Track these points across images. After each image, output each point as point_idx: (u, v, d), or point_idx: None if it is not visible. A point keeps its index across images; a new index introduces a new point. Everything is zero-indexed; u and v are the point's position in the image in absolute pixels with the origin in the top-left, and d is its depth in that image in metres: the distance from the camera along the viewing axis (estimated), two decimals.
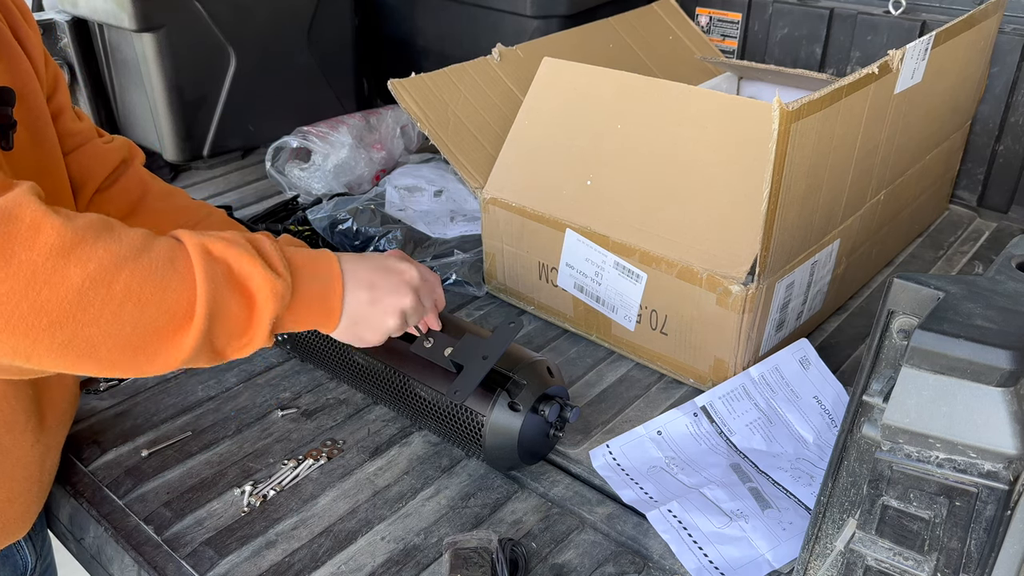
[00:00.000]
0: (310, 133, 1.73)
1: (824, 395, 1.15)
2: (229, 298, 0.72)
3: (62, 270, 0.64)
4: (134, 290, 0.67)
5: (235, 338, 0.74)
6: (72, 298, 0.64)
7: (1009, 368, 0.55)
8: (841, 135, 1.11)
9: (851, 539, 0.68)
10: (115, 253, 0.67)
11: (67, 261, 0.64)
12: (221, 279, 0.71)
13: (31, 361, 0.66)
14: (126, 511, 1.00)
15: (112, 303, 0.66)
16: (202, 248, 0.72)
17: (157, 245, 0.70)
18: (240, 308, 0.73)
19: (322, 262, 0.82)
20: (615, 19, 1.71)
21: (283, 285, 0.75)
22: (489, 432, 0.97)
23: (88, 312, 0.65)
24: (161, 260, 0.69)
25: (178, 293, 0.69)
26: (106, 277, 0.66)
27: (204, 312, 0.70)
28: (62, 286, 0.64)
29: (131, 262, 0.67)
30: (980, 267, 1.54)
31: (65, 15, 1.73)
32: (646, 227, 1.17)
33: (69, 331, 0.65)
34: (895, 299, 0.63)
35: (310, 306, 0.80)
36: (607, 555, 0.94)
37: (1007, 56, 1.61)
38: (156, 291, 0.68)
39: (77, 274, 0.64)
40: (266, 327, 0.75)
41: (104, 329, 0.66)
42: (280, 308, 0.75)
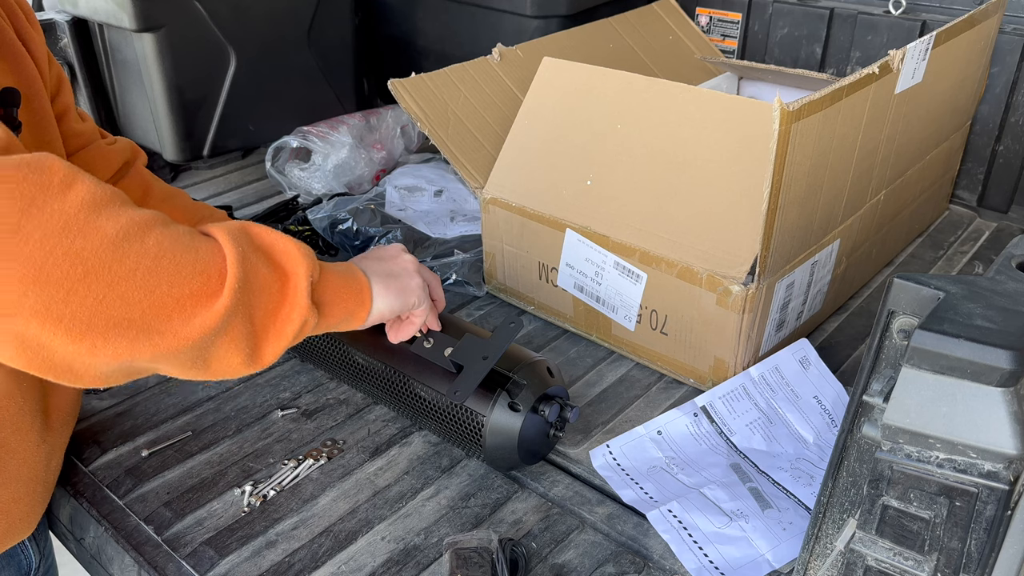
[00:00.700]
0: (310, 133, 1.73)
1: (824, 395, 1.15)
2: (259, 264, 0.72)
3: (95, 222, 0.62)
4: (166, 247, 0.66)
5: (272, 311, 0.73)
6: (108, 247, 0.63)
7: (1009, 368, 0.55)
8: (841, 135, 1.11)
9: (851, 539, 0.68)
10: (144, 215, 0.66)
11: (99, 215, 0.63)
12: (248, 246, 0.71)
13: (63, 322, 0.61)
14: (126, 511, 1.00)
15: (147, 257, 0.64)
16: (223, 225, 0.73)
17: (176, 223, 0.70)
18: (272, 276, 0.73)
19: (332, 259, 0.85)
20: (615, 19, 1.71)
21: (310, 250, 0.76)
22: (489, 432, 0.97)
23: (124, 263, 0.63)
24: (186, 229, 0.69)
25: (209, 253, 0.68)
26: (139, 232, 0.65)
27: (237, 268, 0.69)
28: (96, 236, 0.62)
29: (160, 224, 0.67)
30: (980, 267, 1.54)
31: (65, 15, 1.73)
32: (646, 227, 1.17)
33: (105, 282, 0.62)
34: (895, 299, 0.63)
35: (340, 279, 0.81)
36: (607, 555, 0.94)
37: (1007, 56, 1.61)
38: (187, 252, 0.67)
39: (111, 226, 0.63)
40: (304, 293, 0.74)
41: (140, 284, 0.64)
42: (314, 271, 0.75)
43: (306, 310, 0.74)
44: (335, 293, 0.80)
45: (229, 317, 0.68)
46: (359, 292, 0.84)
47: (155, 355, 0.67)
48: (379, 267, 0.88)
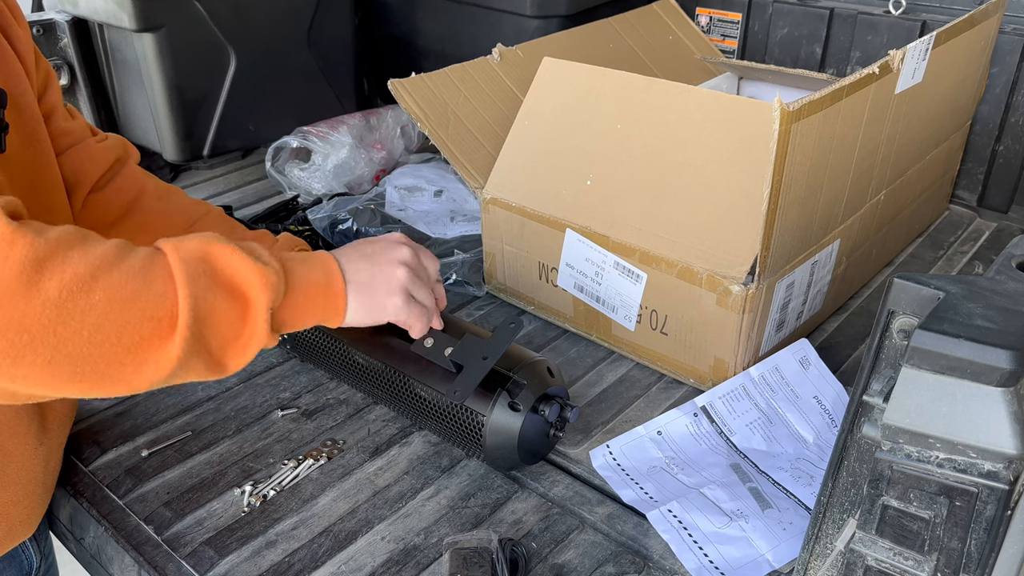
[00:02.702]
0: (310, 133, 1.73)
1: (824, 395, 1.15)
2: (216, 295, 0.69)
3: (37, 284, 0.62)
4: (114, 297, 0.65)
5: (231, 340, 0.71)
6: (50, 312, 0.62)
7: (1009, 368, 0.55)
8: (842, 135, 1.11)
9: (851, 539, 0.68)
10: (90, 262, 0.65)
11: (41, 274, 0.62)
12: (203, 277, 0.69)
13: (16, 381, 0.63)
14: (126, 511, 1.00)
15: (93, 313, 0.64)
16: (180, 249, 0.70)
17: (133, 253, 0.68)
18: (229, 304, 0.71)
19: (313, 255, 0.81)
20: (615, 19, 1.71)
21: (274, 274, 0.73)
22: (489, 432, 0.97)
23: (69, 325, 0.63)
24: (138, 266, 0.67)
25: (159, 295, 0.67)
26: (83, 287, 0.64)
27: (188, 311, 0.67)
28: (38, 300, 0.62)
29: (107, 270, 0.65)
30: (980, 267, 1.54)
31: (65, 15, 1.73)
32: (646, 227, 1.17)
33: (51, 346, 0.63)
34: (895, 299, 0.63)
35: (310, 292, 0.78)
36: (607, 555, 0.94)
37: (1007, 56, 1.61)
38: (136, 296, 0.66)
39: (53, 286, 0.63)
40: (263, 322, 0.72)
41: (87, 340, 0.64)
42: (275, 297, 0.73)
43: (265, 337, 0.73)
44: (303, 309, 0.78)
45: (183, 360, 0.68)
46: (332, 304, 0.80)
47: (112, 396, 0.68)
48: (362, 274, 0.83)
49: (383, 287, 0.84)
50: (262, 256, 0.74)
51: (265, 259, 0.74)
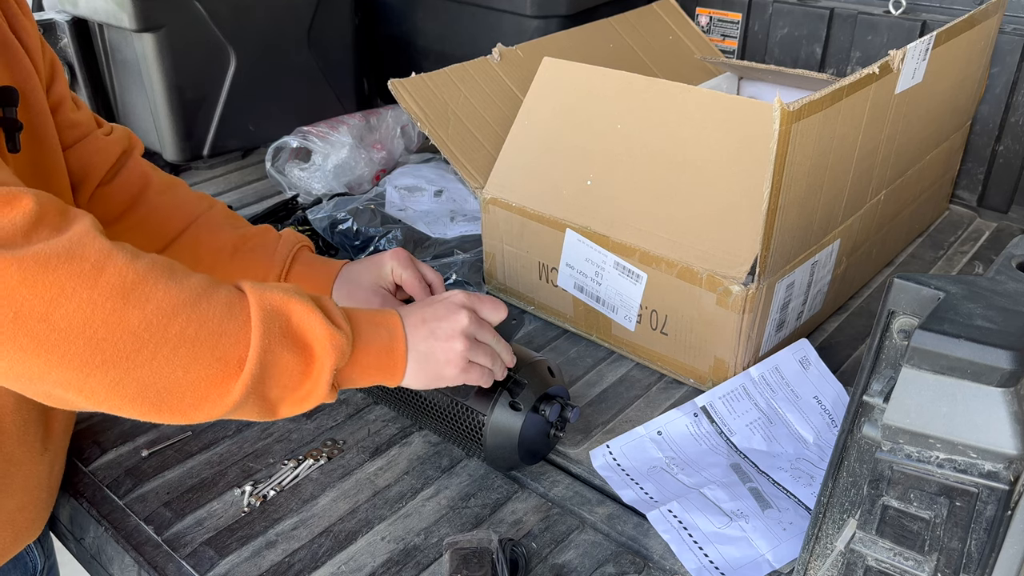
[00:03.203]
0: (310, 133, 1.73)
1: (824, 395, 1.15)
2: (284, 349, 0.71)
3: (120, 311, 0.64)
4: (189, 335, 0.67)
5: (290, 390, 0.73)
6: (127, 339, 0.65)
7: (1009, 368, 0.55)
8: (842, 135, 1.11)
9: (851, 539, 0.68)
10: (174, 297, 0.67)
11: (126, 302, 0.65)
12: (277, 331, 0.71)
13: (82, 393, 0.66)
14: (126, 511, 1.00)
15: (166, 347, 0.66)
16: (262, 298, 0.72)
17: (217, 292, 0.70)
18: (296, 361, 0.72)
19: (381, 313, 0.82)
20: (615, 19, 1.71)
21: (343, 338, 0.75)
22: (490, 432, 0.97)
23: (142, 353, 0.65)
24: (219, 307, 0.69)
25: (232, 341, 0.69)
26: (162, 321, 0.66)
27: (256, 360, 0.69)
28: (119, 327, 0.64)
29: (188, 307, 0.68)
30: (980, 267, 1.54)
31: (65, 15, 1.73)
32: (646, 227, 1.17)
33: (121, 370, 0.65)
34: (895, 299, 0.63)
35: (374, 356, 0.79)
36: (607, 555, 0.94)
37: (1007, 56, 1.61)
38: (210, 337, 0.68)
39: (135, 316, 0.65)
40: (326, 381, 0.74)
41: (156, 371, 0.66)
42: (340, 361, 0.75)
43: (324, 396, 0.75)
44: (363, 372, 0.80)
45: (240, 402, 0.70)
46: (391, 370, 0.82)
47: (166, 422, 0.70)
48: (422, 344, 0.83)
49: (442, 359, 0.85)
50: (336, 318, 0.76)
51: (338, 321, 0.76)
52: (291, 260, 1.03)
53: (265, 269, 1.02)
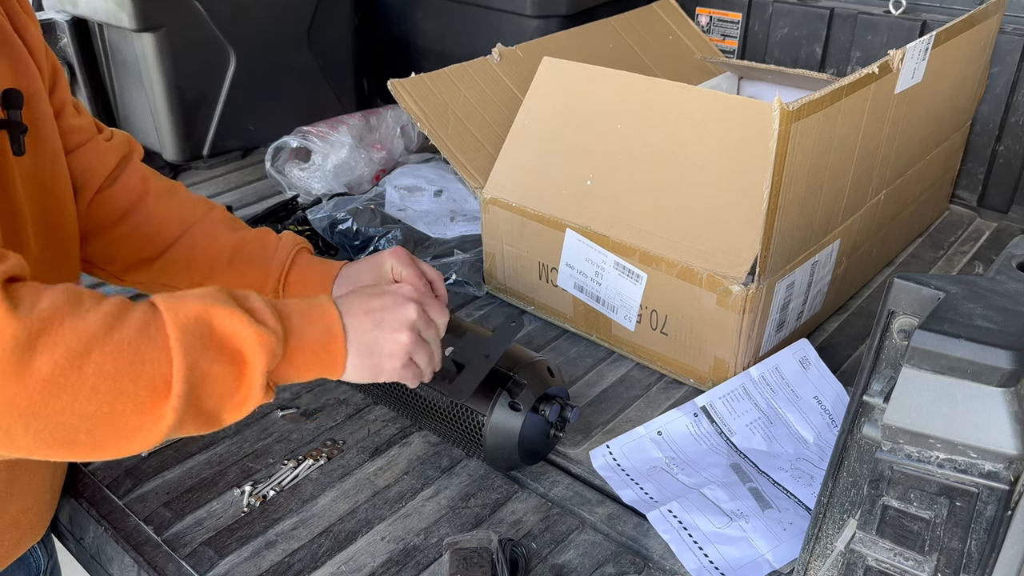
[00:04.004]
0: (310, 133, 1.73)
1: (824, 395, 1.15)
2: (211, 361, 0.69)
3: (28, 363, 0.61)
4: (107, 371, 0.64)
5: (226, 398, 0.71)
6: (41, 389, 0.62)
7: (1009, 368, 0.55)
8: (841, 135, 1.11)
9: (851, 539, 0.68)
10: (83, 333, 0.64)
11: (33, 353, 0.62)
12: (198, 343, 0.68)
13: (9, 449, 0.64)
14: (126, 511, 1.00)
15: (85, 387, 0.63)
16: (178, 312, 0.68)
17: (129, 318, 0.67)
18: (226, 368, 0.70)
19: (316, 306, 0.78)
20: (615, 19, 1.71)
21: (273, 337, 0.71)
22: (490, 432, 0.97)
23: (60, 399, 0.63)
24: (133, 332, 0.66)
25: (154, 365, 0.66)
26: (75, 362, 0.63)
27: (182, 381, 0.66)
28: (30, 379, 0.61)
29: (100, 341, 0.64)
30: (980, 267, 1.54)
31: (65, 15, 1.73)
32: (646, 227, 1.17)
33: (42, 420, 0.63)
34: (895, 299, 0.63)
35: (310, 352, 0.76)
36: (607, 555, 0.94)
37: (1007, 56, 1.61)
38: (130, 367, 0.65)
39: (45, 364, 0.62)
40: (259, 383, 0.71)
41: (79, 413, 0.64)
42: (272, 361, 0.72)
43: (261, 396, 0.72)
44: (300, 368, 0.76)
45: (175, 424, 0.68)
46: (330, 364, 0.78)
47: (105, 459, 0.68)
48: (365, 336, 0.79)
49: (385, 351, 0.81)
50: (263, 317, 0.73)
51: (266, 319, 0.72)
52: (290, 263, 1.01)
53: (263, 274, 1.01)
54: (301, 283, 1.01)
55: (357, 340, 0.79)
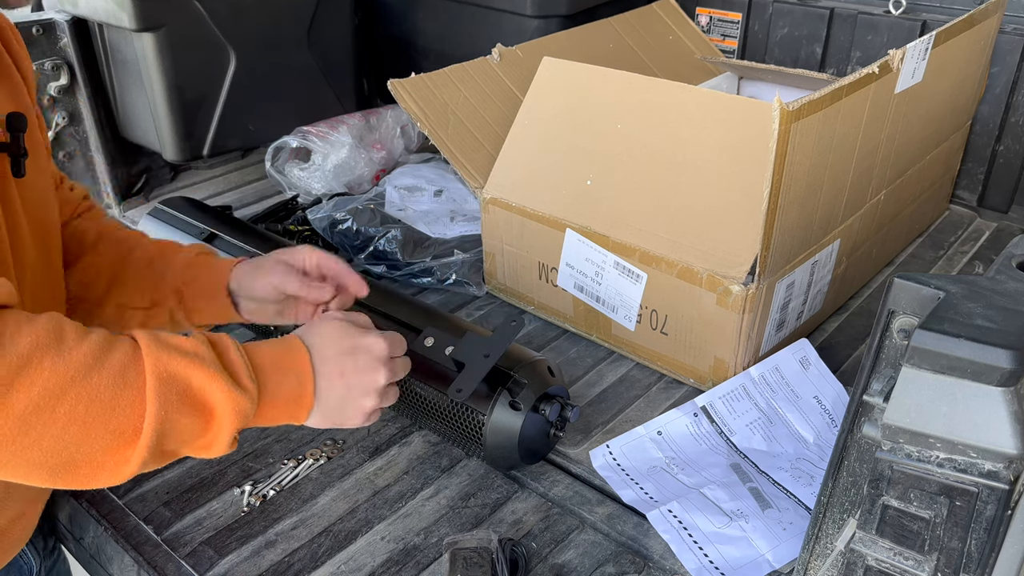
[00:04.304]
0: (310, 133, 1.73)
1: (824, 395, 1.15)
2: (182, 416, 0.70)
3: (3, 397, 0.62)
4: (79, 413, 0.65)
5: (189, 443, 0.72)
6: (13, 424, 0.63)
7: (1009, 368, 0.55)
8: (841, 135, 1.11)
9: (851, 539, 0.68)
10: (62, 374, 0.65)
11: (10, 389, 0.63)
12: (175, 398, 0.69)
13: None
14: (126, 511, 1.00)
15: (55, 426, 0.64)
16: (158, 363, 0.69)
17: (110, 359, 0.68)
18: (195, 423, 0.71)
19: (290, 359, 0.79)
20: (615, 19, 1.71)
21: (247, 401, 0.73)
22: (490, 431, 0.97)
23: (29, 436, 0.64)
24: (111, 377, 0.67)
25: (126, 413, 0.67)
26: (50, 402, 0.64)
27: (152, 430, 0.68)
28: (2, 413, 0.62)
29: (78, 383, 0.65)
30: (980, 267, 1.54)
31: (65, 15, 1.73)
32: (646, 227, 1.17)
33: (7, 453, 0.64)
34: (895, 299, 0.63)
35: (281, 407, 0.77)
36: (607, 555, 0.94)
37: (1007, 56, 1.61)
38: (102, 412, 0.66)
39: (20, 401, 0.63)
40: (226, 440, 0.73)
41: (45, 451, 0.65)
42: (243, 424, 0.73)
43: (224, 449, 0.74)
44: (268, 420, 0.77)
45: (139, 467, 0.69)
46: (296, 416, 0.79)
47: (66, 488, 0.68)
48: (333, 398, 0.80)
49: (349, 412, 0.82)
50: (241, 378, 0.73)
51: (243, 381, 0.73)
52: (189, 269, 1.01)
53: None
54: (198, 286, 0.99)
55: (325, 401, 0.80)
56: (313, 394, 0.79)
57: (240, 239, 1.26)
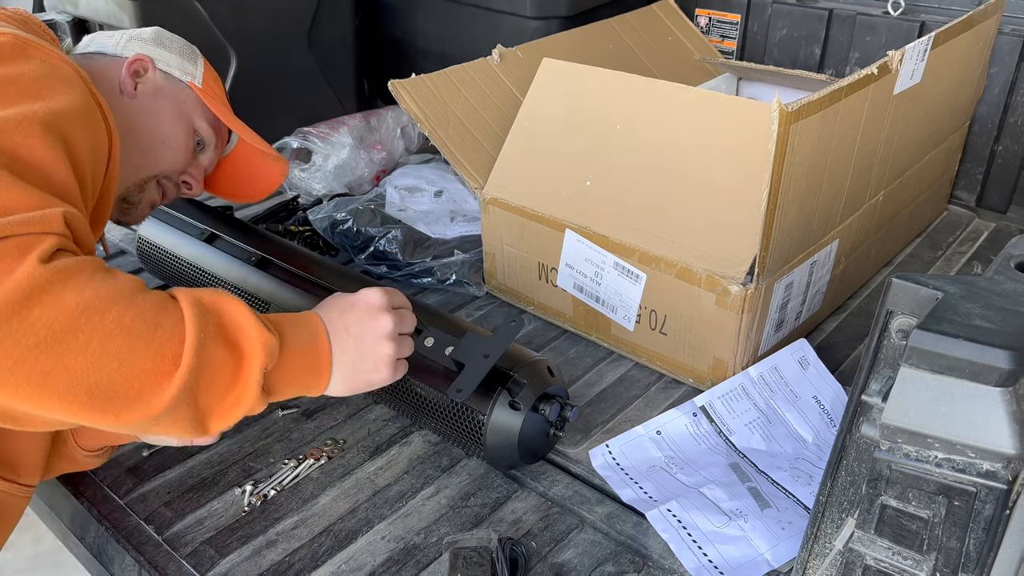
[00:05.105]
0: (310, 133, 1.74)
1: (823, 395, 1.15)
2: (217, 348, 0.70)
3: (58, 292, 0.63)
4: (125, 324, 0.66)
5: (220, 396, 0.72)
6: (64, 321, 0.63)
7: (1008, 368, 0.56)
8: (840, 136, 1.11)
9: (850, 538, 0.68)
10: (111, 287, 0.67)
11: (65, 285, 0.64)
12: (211, 328, 0.70)
13: (5, 389, 0.63)
14: (127, 511, 1.00)
15: (102, 331, 0.65)
16: (195, 298, 0.72)
17: (152, 292, 0.70)
18: (228, 360, 0.71)
19: (299, 317, 0.81)
20: (615, 20, 1.71)
21: (272, 337, 0.74)
22: (490, 431, 0.98)
23: (78, 338, 0.64)
24: (153, 303, 0.69)
25: (168, 334, 0.68)
26: (100, 305, 0.65)
27: (191, 358, 0.68)
28: (55, 307, 0.63)
29: (127, 298, 0.67)
30: (979, 267, 1.55)
31: (66, 15, 1.73)
32: (646, 227, 1.17)
33: (54, 356, 0.63)
34: (894, 299, 0.63)
35: (299, 357, 0.78)
36: (607, 554, 0.94)
37: (1006, 56, 1.61)
38: (146, 329, 0.67)
39: (72, 298, 0.64)
40: (256, 381, 0.73)
41: (89, 359, 0.64)
42: (269, 362, 0.73)
43: (254, 400, 0.73)
44: (290, 375, 0.78)
45: (173, 404, 0.68)
46: (316, 372, 0.80)
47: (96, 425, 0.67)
48: (352, 353, 0.82)
49: (371, 366, 0.83)
50: (263, 319, 0.75)
51: (265, 322, 0.75)
52: None
53: None
54: None
55: (342, 358, 0.81)
56: (328, 349, 0.80)
57: (240, 239, 1.26)
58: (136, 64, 1.03)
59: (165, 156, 1.04)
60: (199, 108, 1.08)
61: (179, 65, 1.08)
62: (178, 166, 1.06)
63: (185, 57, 1.10)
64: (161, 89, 1.04)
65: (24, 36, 0.81)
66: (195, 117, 1.07)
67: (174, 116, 1.04)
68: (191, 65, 1.09)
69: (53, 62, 0.80)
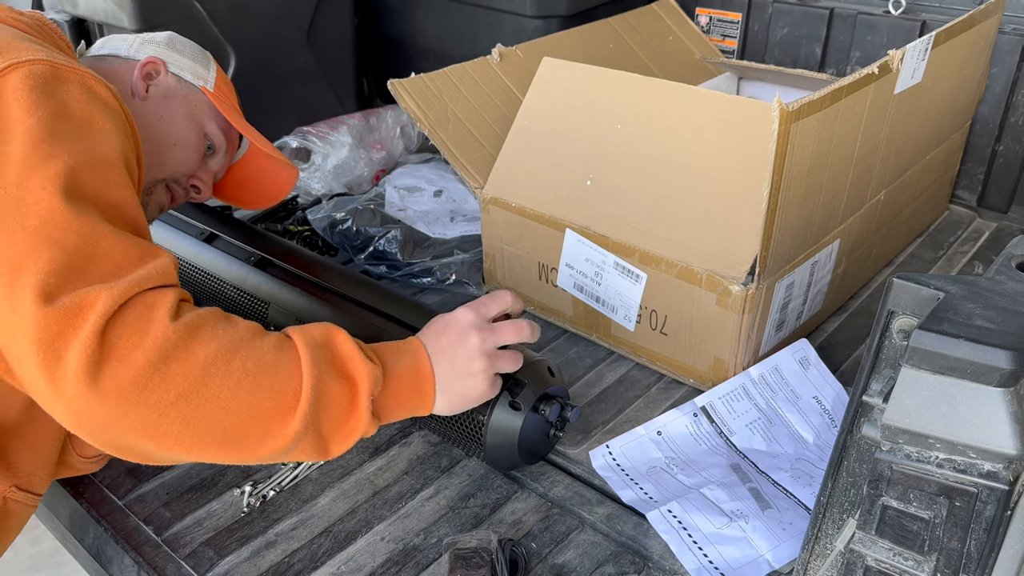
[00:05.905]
0: (310, 133, 1.73)
1: (824, 395, 1.15)
2: (333, 381, 0.76)
3: (189, 347, 0.69)
4: (249, 370, 0.72)
5: (340, 423, 0.77)
6: (197, 373, 0.69)
7: (1009, 368, 0.55)
8: (841, 135, 1.11)
9: (851, 539, 0.68)
10: (232, 336, 0.73)
11: (193, 340, 0.70)
12: (325, 363, 0.76)
13: (154, 439, 0.69)
14: (126, 511, 1.00)
15: (230, 380, 0.71)
16: (308, 336, 0.77)
17: (268, 334, 0.76)
18: (343, 390, 0.77)
19: (400, 345, 0.86)
20: (615, 19, 1.71)
21: (375, 369, 0.79)
22: (490, 431, 0.97)
23: (210, 387, 0.70)
24: (271, 346, 0.75)
25: (287, 374, 0.74)
26: (225, 355, 0.71)
27: (310, 393, 0.74)
28: (188, 362, 0.69)
29: (246, 344, 0.73)
30: (980, 267, 1.54)
31: (65, 15, 1.73)
32: (646, 227, 1.17)
33: (192, 406, 0.69)
34: (895, 299, 0.63)
35: (405, 380, 0.83)
36: (607, 555, 0.94)
37: (1007, 56, 1.61)
38: (268, 372, 0.73)
39: (201, 352, 0.70)
40: (366, 407, 0.78)
41: (222, 406, 0.70)
42: (375, 388, 0.79)
43: (367, 424, 0.79)
44: (397, 399, 0.83)
45: (299, 436, 0.74)
46: (421, 392, 0.85)
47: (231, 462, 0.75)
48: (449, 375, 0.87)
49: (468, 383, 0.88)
50: (366, 350, 0.81)
51: (368, 353, 0.81)
52: None
53: None
54: None
55: (441, 378, 0.86)
56: (431, 372, 0.86)
57: (239, 239, 1.26)
58: (148, 67, 1.03)
59: (175, 159, 1.04)
60: (210, 112, 1.08)
61: (191, 69, 1.08)
62: (188, 169, 1.07)
63: (197, 61, 1.10)
64: (172, 92, 1.05)
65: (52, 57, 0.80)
66: (206, 121, 1.08)
67: (185, 119, 1.05)
68: (203, 69, 1.10)
69: (89, 84, 0.80)
